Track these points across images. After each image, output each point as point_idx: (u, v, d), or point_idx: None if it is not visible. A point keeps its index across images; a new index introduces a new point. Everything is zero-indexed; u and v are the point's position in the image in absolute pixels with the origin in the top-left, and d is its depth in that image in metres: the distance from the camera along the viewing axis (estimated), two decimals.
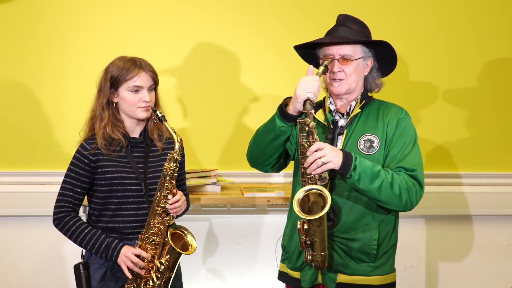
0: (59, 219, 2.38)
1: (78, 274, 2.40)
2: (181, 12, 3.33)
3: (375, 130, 2.28)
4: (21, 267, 3.31)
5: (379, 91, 2.41)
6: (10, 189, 3.25)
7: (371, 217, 2.26)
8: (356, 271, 2.27)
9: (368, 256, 2.26)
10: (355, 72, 2.30)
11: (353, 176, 2.13)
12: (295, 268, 2.36)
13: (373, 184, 2.14)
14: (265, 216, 3.47)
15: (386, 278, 2.32)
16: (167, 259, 2.34)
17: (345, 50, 2.27)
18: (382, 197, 2.17)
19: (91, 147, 2.38)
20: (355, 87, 2.33)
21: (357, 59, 2.29)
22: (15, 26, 3.21)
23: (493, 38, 3.54)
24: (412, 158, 2.24)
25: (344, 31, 2.30)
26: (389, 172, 2.18)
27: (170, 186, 2.35)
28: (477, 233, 3.62)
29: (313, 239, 2.14)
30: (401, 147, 2.25)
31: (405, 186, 2.17)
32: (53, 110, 3.28)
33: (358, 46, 2.30)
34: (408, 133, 2.28)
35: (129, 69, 2.36)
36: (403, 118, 2.31)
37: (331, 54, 2.29)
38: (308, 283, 2.31)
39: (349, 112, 2.33)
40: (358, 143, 2.27)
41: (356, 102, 2.34)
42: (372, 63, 2.36)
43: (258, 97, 3.42)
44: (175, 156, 2.35)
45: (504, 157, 3.62)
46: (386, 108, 2.35)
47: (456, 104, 3.55)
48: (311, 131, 2.13)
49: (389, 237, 2.32)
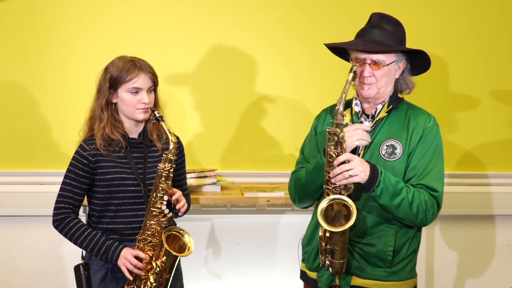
0: (59, 220, 2.37)
1: (79, 275, 2.40)
2: (181, 12, 3.32)
3: (400, 136, 2.22)
4: (21, 267, 3.31)
5: (410, 92, 2.33)
6: (10, 189, 3.24)
7: (388, 224, 2.22)
8: (371, 276, 2.24)
9: (384, 262, 2.22)
10: (385, 77, 2.22)
11: (375, 191, 2.11)
12: (313, 269, 2.34)
13: (393, 201, 2.12)
14: (266, 216, 3.46)
15: (403, 284, 2.27)
16: (163, 261, 2.33)
17: (378, 56, 2.19)
18: (399, 213, 2.15)
19: (90, 147, 2.37)
20: (385, 91, 2.26)
21: (389, 64, 2.22)
22: (14, 26, 3.21)
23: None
24: (435, 176, 2.19)
25: (379, 34, 2.21)
26: (410, 190, 2.14)
27: (165, 187, 2.34)
28: (477, 233, 3.61)
29: (334, 248, 2.11)
30: (424, 161, 2.19)
31: (423, 208, 2.15)
32: (52, 110, 3.27)
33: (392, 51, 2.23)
34: (434, 145, 2.21)
35: (128, 70, 2.35)
36: (430, 127, 2.23)
37: (363, 58, 2.21)
38: (325, 285, 2.29)
39: (375, 115, 2.28)
40: (380, 148, 2.22)
41: (383, 105, 2.27)
42: (404, 65, 2.28)
43: (258, 97, 3.42)
44: (170, 156, 2.34)
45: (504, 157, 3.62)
46: (414, 114, 2.27)
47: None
48: (340, 141, 2.08)
49: (409, 243, 2.27)
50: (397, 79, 2.30)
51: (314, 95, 3.38)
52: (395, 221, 2.22)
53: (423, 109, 2.32)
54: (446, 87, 3.51)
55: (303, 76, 3.35)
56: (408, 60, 2.29)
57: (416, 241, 2.32)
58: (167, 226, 2.37)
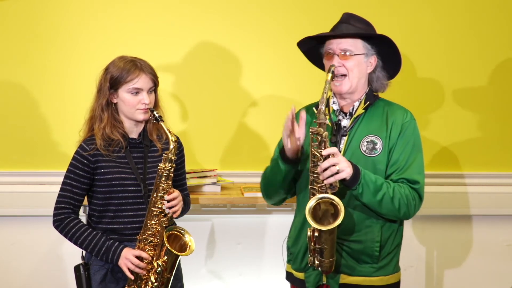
0: (59, 220, 2.37)
1: (79, 275, 2.40)
2: (182, 12, 3.32)
3: (379, 132, 2.26)
4: (21, 267, 3.31)
5: (384, 91, 2.37)
6: (10, 189, 3.24)
7: (373, 219, 2.25)
8: (359, 272, 2.26)
9: (371, 258, 2.25)
10: (356, 68, 2.25)
11: (358, 189, 2.14)
12: (300, 269, 2.35)
13: (375, 197, 2.15)
14: (266, 216, 3.46)
15: (390, 278, 2.31)
16: (165, 260, 2.34)
17: (345, 44, 2.24)
18: (382, 209, 2.19)
19: (90, 148, 2.37)
20: (357, 85, 2.29)
21: (357, 54, 2.25)
22: (14, 26, 3.21)
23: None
24: (416, 169, 2.23)
25: (346, 27, 2.27)
26: (391, 185, 2.17)
27: (166, 187, 2.34)
28: (477, 233, 3.62)
29: (324, 247, 2.12)
30: (405, 155, 2.23)
31: (405, 201, 2.18)
32: (52, 110, 3.27)
33: (359, 41, 2.26)
34: (413, 139, 2.25)
35: (129, 70, 2.35)
36: (408, 122, 2.27)
37: (332, 49, 2.26)
38: (313, 284, 2.30)
39: (352, 113, 2.31)
40: (360, 145, 2.25)
41: (360, 102, 2.31)
42: (376, 61, 2.32)
43: (258, 97, 3.42)
44: (170, 156, 2.34)
45: (505, 157, 3.62)
46: (391, 109, 2.31)
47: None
48: (323, 140, 2.10)
49: (393, 237, 2.31)
50: (370, 76, 2.33)
51: (314, 95, 3.36)
52: (379, 216, 2.25)
53: (399, 105, 2.36)
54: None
55: (303, 76, 3.35)
56: (380, 56, 2.32)
57: (400, 235, 2.35)
58: (167, 226, 2.38)
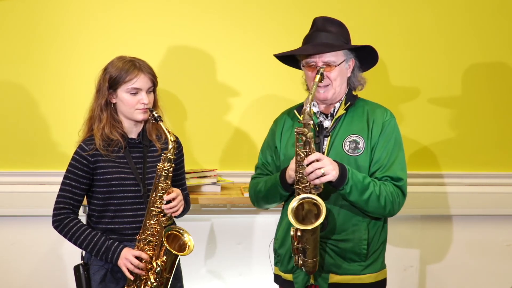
0: (59, 221, 2.37)
1: (78, 276, 2.40)
2: (182, 12, 3.32)
3: (361, 131, 2.30)
4: (21, 267, 3.31)
5: (362, 89, 2.42)
6: (9, 189, 3.24)
7: (360, 217, 2.29)
8: (348, 271, 2.30)
9: (359, 256, 2.29)
10: (339, 77, 2.30)
11: (345, 189, 2.17)
12: (287, 271, 2.38)
13: (362, 196, 2.19)
14: (266, 216, 3.46)
15: (378, 275, 2.35)
16: (164, 260, 2.34)
17: (328, 57, 2.27)
18: (369, 208, 2.23)
19: (89, 148, 2.37)
20: (340, 91, 2.34)
21: (340, 63, 2.29)
22: (14, 26, 3.21)
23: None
24: (398, 166, 2.28)
25: (325, 36, 2.30)
26: (377, 184, 2.22)
27: (165, 186, 2.35)
28: (477, 233, 3.61)
29: (306, 246, 2.16)
30: (387, 153, 2.28)
31: (390, 199, 2.23)
32: (52, 110, 3.27)
33: (340, 51, 2.30)
34: (394, 137, 2.30)
35: (128, 70, 2.35)
36: (389, 120, 2.32)
37: (314, 62, 2.28)
38: (301, 285, 2.33)
39: (334, 114, 2.34)
40: (343, 144, 2.29)
41: (341, 103, 2.35)
42: (353, 63, 2.37)
43: (258, 97, 3.41)
44: (169, 156, 2.35)
45: (504, 157, 3.61)
46: (371, 109, 2.36)
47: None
48: (308, 141, 2.13)
49: (379, 235, 2.35)
50: (349, 77, 2.37)
51: None
52: (366, 214, 2.28)
53: (378, 104, 2.41)
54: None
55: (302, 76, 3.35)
56: (357, 57, 2.36)
57: (385, 232, 2.40)
58: (166, 226, 2.38)
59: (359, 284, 2.30)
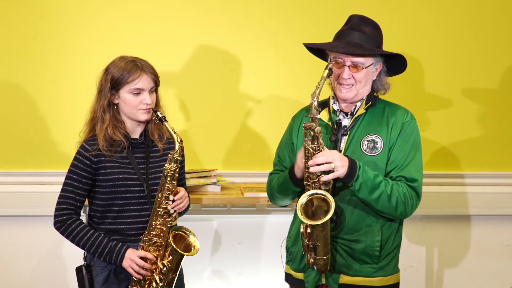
0: (61, 222, 2.36)
1: (81, 277, 2.39)
2: (182, 12, 3.32)
3: (379, 131, 2.27)
4: (21, 267, 3.30)
5: (385, 93, 2.38)
6: (10, 189, 3.23)
7: (374, 219, 2.26)
8: (359, 272, 2.27)
9: (371, 258, 2.26)
10: (364, 79, 2.27)
11: (354, 185, 2.15)
12: (299, 270, 2.36)
13: (372, 195, 2.16)
14: (266, 216, 3.46)
15: (389, 279, 2.32)
16: (170, 260, 2.34)
17: (358, 58, 2.23)
18: (378, 207, 2.19)
19: (92, 148, 2.36)
20: (363, 92, 2.31)
21: (368, 66, 2.26)
22: (14, 26, 3.20)
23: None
24: (414, 167, 2.24)
25: (358, 36, 2.25)
26: (389, 183, 2.18)
27: (171, 187, 2.34)
28: (477, 233, 3.62)
29: (316, 243, 2.14)
30: (404, 153, 2.24)
31: (402, 199, 2.19)
32: (52, 110, 3.26)
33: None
34: (412, 138, 2.27)
35: (130, 70, 2.34)
36: (409, 121, 2.29)
37: (342, 60, 2.24)
38: (312, 284, 2.31)
39: (354, 112, 2.32)
40: (361, 144, 2.26)
41: (362, 102, 2.32)
42: (381, 67, 2.32)
43: (259, 97, 3.42)
44: (176, 156, 2.34)
45: (504, 157, 3.62)
46: (391, 109, 2.33)
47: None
48: (316, 136, 2.11)
49: (393, 238, 2.32)
50: (374, 81, 2.34)
51: None
52: (380, 216, 2.26)
53: (399, 105, 2.38)
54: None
55: (304, 76, 3.35)
56: (385, 62, 2.33)
57: (399, 236, 2.36)
58: (172, 227, 2.37)
59: (370, 287, 2.28)
